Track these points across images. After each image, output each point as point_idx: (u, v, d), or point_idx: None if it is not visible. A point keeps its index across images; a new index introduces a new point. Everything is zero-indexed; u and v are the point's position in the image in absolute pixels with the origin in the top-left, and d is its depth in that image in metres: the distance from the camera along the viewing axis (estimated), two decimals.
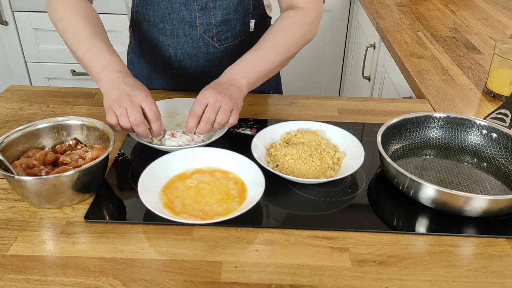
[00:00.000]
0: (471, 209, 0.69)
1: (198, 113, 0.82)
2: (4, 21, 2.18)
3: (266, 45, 0.94)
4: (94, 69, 0.85)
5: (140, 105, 0.80)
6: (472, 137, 0.88)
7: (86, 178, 0.71)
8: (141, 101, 0.80)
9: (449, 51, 1.40)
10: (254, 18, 1.09)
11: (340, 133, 0.88)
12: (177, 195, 0.74)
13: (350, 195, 0.77)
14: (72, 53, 0.91)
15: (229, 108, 0.83)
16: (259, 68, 0.91)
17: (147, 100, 0.81)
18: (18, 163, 0.74)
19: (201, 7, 1.01)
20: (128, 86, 0.81)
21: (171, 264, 0.63)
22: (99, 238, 0.67)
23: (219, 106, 0.82)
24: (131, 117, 0.79)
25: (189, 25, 1.03)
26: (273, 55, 0.93)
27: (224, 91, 0.84)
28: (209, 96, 0.82)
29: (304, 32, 0.96)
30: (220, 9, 1.02)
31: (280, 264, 0.63)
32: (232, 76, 0.88)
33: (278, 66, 0.95)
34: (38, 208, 0.72)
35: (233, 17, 1.04)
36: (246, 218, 0.69)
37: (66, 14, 0.91)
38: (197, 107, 0.83)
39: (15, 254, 0.64)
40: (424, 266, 0.63)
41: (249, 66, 0.91)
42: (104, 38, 0.90)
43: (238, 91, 0.87)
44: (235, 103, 0.84)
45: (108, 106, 0.81)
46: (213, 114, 0.82)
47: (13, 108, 1.01)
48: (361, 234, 0.69)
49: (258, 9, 1.09)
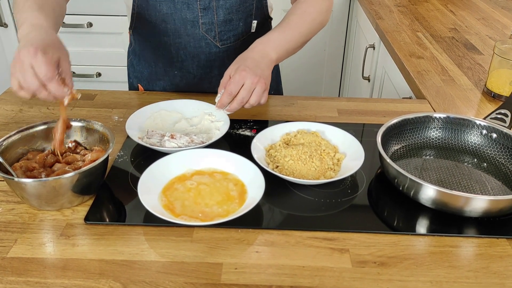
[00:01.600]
0: (471, 209, 0.69)
1: (234, 92, 0.84)
2: (3, 23, 2.18)
3: (292, 25, 0.97)
4: (20, 33, 0.77)
5: (30, 64, 0.70)
6: (472, 138, 0.88)
7: (85, 180, 0.71)
8: (29, 60, 0.70)
9: (449, 51, 1.40)
10: (256, 19, 1.09)
11: (340, 133, 0.88)
12: (177, 196, 0.73)
13: (350, 196, 0.77)
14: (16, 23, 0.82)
15: (263, 90, 0.85)
16: (286, 46, 0.95)
17: (35, 59, 0.69)
18: (18, 166, 0.74)
19: (204, 7, 1.01)
20: (23, 43, 0.72)
21: (171, 266, 0.63)
22: (99, 240, 0.67)
23: (254, 88, 0.84)
24: (26, 84, 0.70)
25: (191, 24, 1.03)
26: (297, 36, 0.97)
27: (259, 72, 0.85)
28: (247, 77, 0.83)
29: (321, 19, 1.02)
30: (223, 8, 1.02)
31: (280, 266, 0.63)
32: (264, 51, 0.91)
33: (299, 47, 1.00)
34: (38, 210, 0.72)
35: (235, 16, 1.04)
36: (246, 220, 0.69)
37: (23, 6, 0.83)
38: (234, 87, 0.84)
39: (15, 256, 0.64)
40: (424, 267, 0.63)
41: (279, 43, 0.94)
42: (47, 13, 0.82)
43: (269, 68, 0.90)
44: (268, 84, 0.87)
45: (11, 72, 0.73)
46: (247, 96, 0.84)
47: (12, 110, 1.01)
48: (362, 235, 0.69)
49: (261, 10, 1.09)
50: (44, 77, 0.70)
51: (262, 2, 1.08)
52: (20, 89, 0.72)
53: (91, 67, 2.32)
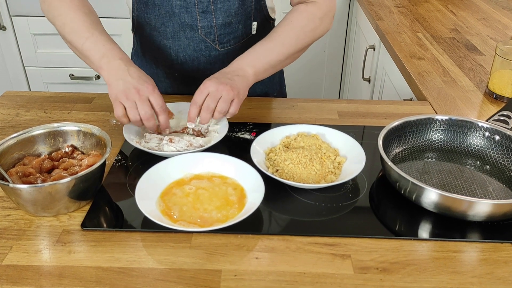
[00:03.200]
0: (474, 213, 0.68)
1: (199, 102, 0.83)
2: (2, 26, 2.17)
3: (275, 37, 0.94)
4: (94, 58, 0.86)
5: (148, 98, 0.81)
6: (475, 140, 0.87)
7: (82, 185, 0.70)
8: (148, 94, 0.82)
9: (450, 52, 1.39)
10: (256, 21, 1.08)
11: (341, 136, 0.87)
12: (175, 201, 0.72)
13: (351, 200, 0.76)
14: (72, 47, 0.91)
15: (230, 98, 0.83)
16: (267, 59, 0.91)
17: (154, 93, 0.82)
18: (13, 171, 0.73)
19: (202, 10, 1.00)
20: (134, 78, 0.82)
21: (169, 273, 0.62)
22: (96, 246, 0.66)
23: (219, 95, 0.82)
24: (142, 111, 0.81)
25: (190, 28, 1.02)
26: (281, 47, 0.93)
27: (226, 81, 0.84)
28: (210, 86, 0.83)
29: (313, 26, 0.96)
30: (221, 11, 1.01)
31: (280, 272, 0.62)
32: (239, 65, 0.89)
33: (287, 59, 0.95)
34: (34, 216, 0.71)
35: (234, 19, 1.03)
36: (245, 225, 0.68)
37: (64, 10, 0.91)
38: (198, 96, 0.83)
39: (10, 264, 0.63)
40: (428, 273, 0.62)
41: (257, 56, 0.91)
42: (101, 29, 0.90)
43: (242, 80, 0.87)
44: (236, 92, 0.84)
45: (115, 98, 0.81)
46: (213, 103, 0.82)
47: (9, 114, 1.00)
48: (363, 240, 0.67)
49: (260, 11, 1.08)
50: (161, 109, 0.83)
51: (261, 3, 1.06)
52: (124, 116, 0.82)
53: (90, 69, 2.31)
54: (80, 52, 0.89)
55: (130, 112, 0.81)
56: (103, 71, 0.85)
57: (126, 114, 0.82)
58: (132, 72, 0.83)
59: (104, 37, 0.88)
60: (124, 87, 0.81)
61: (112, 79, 0.83)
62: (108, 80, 0.83)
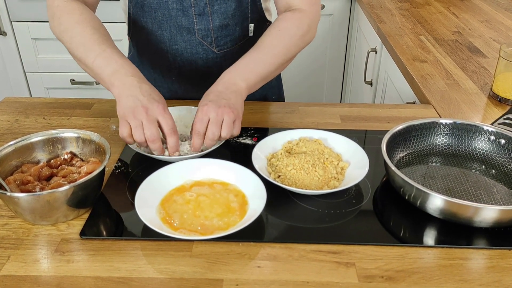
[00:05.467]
0: (481, 219, 0.67)
1: (201, 131, 0.79)
2: (2, 32, 2.17)
3: (264, 47, 0.90)
4: (105, 74, 0.82)
5: (157, 118, 0.77)
6: (480, 144, 0.85)
7: (81, 193, 0.69)
8: (158, 114, 0.77)
9: (453, 54, 1.38)
10: (253, 22, 1.07)
11: (343, 141, 0.86)
12: (176, 209, 0.71)
13: (355, 206, 0.75)
14: (81, 63, 0.88)
15: (232, 120, 0.80)
16: (258, 70, 0.88)
17: (164, 114, 0.77)
18: (12, 179, 0.72)
19: (199, 13, 0.99)
20: (144, 96, 0.78)
21: (170, 283, 0.60)
22: (95, 256, 0.65)
23: (221, 120, 0.79)
24: (147, 132, 0.76)
25: (187, 31, 1.01)
26: (271, 57, 0.90)
27: (223, 102, 0.80)
28: (210, 112, 0.79)
29: (302, 34, 0.93)
30: (218, 13, 1.00)
31: (283, 281, 0.61)
32: (231, 80, 0.85)
33: (277, 69, 0.92)
34: (32, 225, 0.70)
35: (231, 21, 1.02)
36: (247, 232, 0.67)
37: (72, 25, 0.88)
38: (200, 125, 0.79)
39: (8, 274, 0.62)
40: (434, 281, 0.61)
41: (248, 69, 0.87)
42: (112, 44, 0.87)
43: (238, 97, 0.83)
44: (236, 113, 0.81)
45: (122, 116, 0.77)
46: (217, 130, 0.79)
47: (8, 121, 0.99)
48: (368, 248, 0.66)
49: (256, 13, 1.07)
50: (171, 130, 0.78)
51: (257, 4, 1.05)
52: (129, 136, 0.78)
53: None
54: (90, 69, 0.86)
55: (135, 132, 0.76)
56: (114, 88, 0.81)
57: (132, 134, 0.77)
58: (144, 90, 0.79)
59: (115, 53, 0.84)
60: (133, 105, 0.77)
61: (123, 95, 0.79)
62: (118, 96, 0.79)
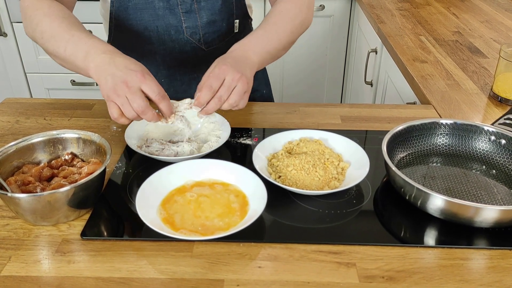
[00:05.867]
0: (482, 219, 0.67)
1: (214, 87, 0.75)
2: (3, 33, 2.17)
3: (271, 26, 0.90)
4: (79, 60, 0.77)
5: (140, 87, 0.72)
6: (480, 144, 0.85)
7: (82, 193, 0.69)
8: (139, 83, 0.72)
9: (453, 55, 1.38)
10: (238, 18, 1.07)
11: (344, 141, 0.86)
12: (177, 209, 0.71)
13: (355, 206, 0.75)
14: (55, 57, 0.83)
15: (244, 90, 0.77)
16: (267, 47, 0.87)
17: (145, 81, 0.72)
18: (12, 180, 0.72)
19: (186, 10, 0.99)
20: (120, 70, 0.73)
21: (170, 283, 0.60)
22: (96, 256, 0.65)
23: (234, 85, 0.76)
24: (134, 105, 0.71)
25: (175, 29, 1.01)
26: (278, 36, 0.89)
27: (242, 70, 0.77)
28: (228, 73, 0.75)
29: (302, 18, 0.94)
30: (205, 9, 1.00)
31: (284, 282, 0.61)
32: (245, 53, 0.83)
33: (283, 49, 0.92)
34: (33, 225, 0.70)
35: (218, 17, 1.03)
36: (248, 233, 0.67)
37: (40, 19, 0.84)
38: (214, 81, 0.75)
39: (9, 275, 0.62)
40: (435, 282, 0.61)
41: (259, 44, 0.86)
42: (81, 29, 0.82)
43: (251, 70, 0.81)
44: (249, 85, 0.78)
45: (106, 98, 0.73)
46: (226, 94, 0.76)
47: (9, 122, 0.99)
48: (368, 248, 0.66)
49: (241, 9, 1.08)
50: (157, 96, 0.72)
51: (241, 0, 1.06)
52: (120, 116, 0.73)
53: None
54: (64, 60, 0.81)
55: (125, 110, 0.72)
56: (90, 71, 0.76)
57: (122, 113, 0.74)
58: (118, 63, 0.74)
59: (84, 36, 0.79)
60: (112, 83, 0.72)
61: (101, 77, 0.74)
62: (97, 80, 0.75)
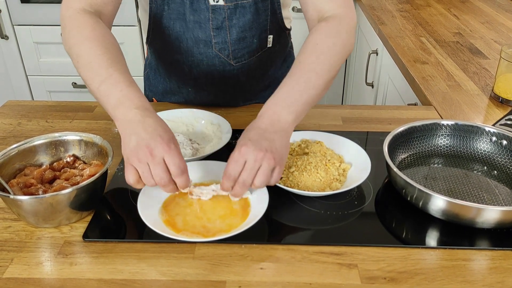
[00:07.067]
0: (483, 220, 0.67)
1: (234, 175, 0.68)
2: (4, 35, 2.17)
3: (304, 68, 0.78)
4: (109, 105, 0.73)
5: (163, 157, 0.67)
6: (482, 145, 0.85)
7: (84, 195, 0.69)
8: (163, 153, 0.67)
9: (454, 56, 1.38)
10: (272, 33, 1.02)
11: (345, 143, 0.86)
12: (178, 211, 0.71)
13: (357, 207, 0.75)
14: (87, 86, 0.79)
15: (271, 168, 0.68)
16: (304, 97, 0.75)
17: (169, 151, 0.67)
18: (15, 182, 0.72)
19: (216, 26, 0.97)
20: (147, 133, 0.68)
21: (172, 284, 0.61)
22: (98, 258, 0.65)
23: (258, 166, 0.67)
24: (156, 177, 0.66)
25: (204, 43, 0.99)
26: (315, 79, 0.77)
27: (266, 145, 0.68)
28: (248, 154, 0.67)
29: (342, 43, 0.82)
30: (236, 27, 0.97)
31: (286, 283, 0.61)
32: (276, 115, 0.73)
33: (324, 89, 0.79)
34: (35, 227, 0.70)
35: (249, 34, 0.99)
36: (249, 234, 0.67)
37: (81, 39, 0.79)
38: (233, 168, 0.68)
39: (11, 277, 0.62)
40: (437, 283, 0.61)
41: (293, 97, 0.75)
42: (121, 68, 0.77)
43: (283, 137, 0.71)
44: (279, 159, 0.69)
45: (126, 159, 0.68)
46: (250, 177, 0.68)
47: (11, 124, 1.00)
48: (370, 249, 0.66)
49: (276, 23, 1.03)
50: (178, 170, 0.67)
51: (277, 15, 1.01)
52: (137, 182, 0.68)
53: None
54: (94, 95, 0.77)
55: (144, 178, 0.67)
56: (117, 122, 0.72)
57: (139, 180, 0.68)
58: (147, 125, 0.69)
59: (122, 79, 0.74)
60: (136, 145, 0.67)
61: (125, 133, 0.69)
62: (121, 134, 0.70)
